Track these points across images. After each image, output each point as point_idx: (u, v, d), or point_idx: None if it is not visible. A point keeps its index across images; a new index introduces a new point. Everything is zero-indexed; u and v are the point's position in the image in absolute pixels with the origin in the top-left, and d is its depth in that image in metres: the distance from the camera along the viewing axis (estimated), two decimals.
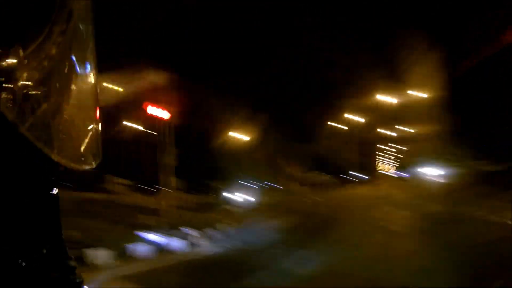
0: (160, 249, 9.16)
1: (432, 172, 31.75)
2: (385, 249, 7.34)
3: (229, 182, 32.81)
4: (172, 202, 12.20)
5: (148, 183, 15.04)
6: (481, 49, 17.11)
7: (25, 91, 0.84)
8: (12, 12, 0.83)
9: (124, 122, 28.23)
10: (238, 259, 8.28)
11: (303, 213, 16.56)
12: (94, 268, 6.15)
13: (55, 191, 1.29)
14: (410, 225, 9.94)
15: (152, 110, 11.73)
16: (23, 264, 0.82)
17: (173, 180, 12.62)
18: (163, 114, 12.06)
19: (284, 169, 32.63)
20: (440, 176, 28.53)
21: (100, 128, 1.15)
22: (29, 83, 0.86)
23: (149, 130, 14.71)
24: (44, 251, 0.89)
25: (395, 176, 41.43)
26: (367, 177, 36.52)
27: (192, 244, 10.08)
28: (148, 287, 5.82)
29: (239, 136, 34.10)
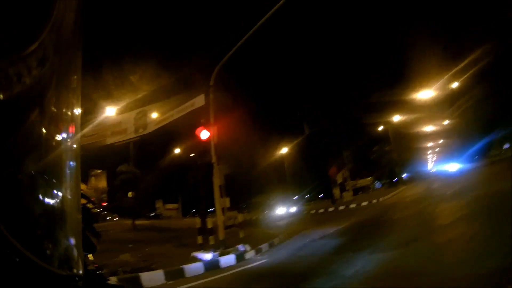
0: (213, 266, 9.43)
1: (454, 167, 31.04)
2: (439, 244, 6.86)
3: (275, 197, 32.93)
4: (225, 221, 12.44)
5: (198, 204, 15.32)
6: None
7: None
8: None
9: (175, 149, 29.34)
10: (289, 268, 8.29)
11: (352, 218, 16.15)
12: None
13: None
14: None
15: (203, 134, 11.87)
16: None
17: (223, 200, 12.86)
18: (210, 136, 12.16)
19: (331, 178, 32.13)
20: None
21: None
22: None
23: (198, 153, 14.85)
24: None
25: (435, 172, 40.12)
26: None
27: (245, 259, 10.29)
28: None
29: (283, 151, 34.19)
